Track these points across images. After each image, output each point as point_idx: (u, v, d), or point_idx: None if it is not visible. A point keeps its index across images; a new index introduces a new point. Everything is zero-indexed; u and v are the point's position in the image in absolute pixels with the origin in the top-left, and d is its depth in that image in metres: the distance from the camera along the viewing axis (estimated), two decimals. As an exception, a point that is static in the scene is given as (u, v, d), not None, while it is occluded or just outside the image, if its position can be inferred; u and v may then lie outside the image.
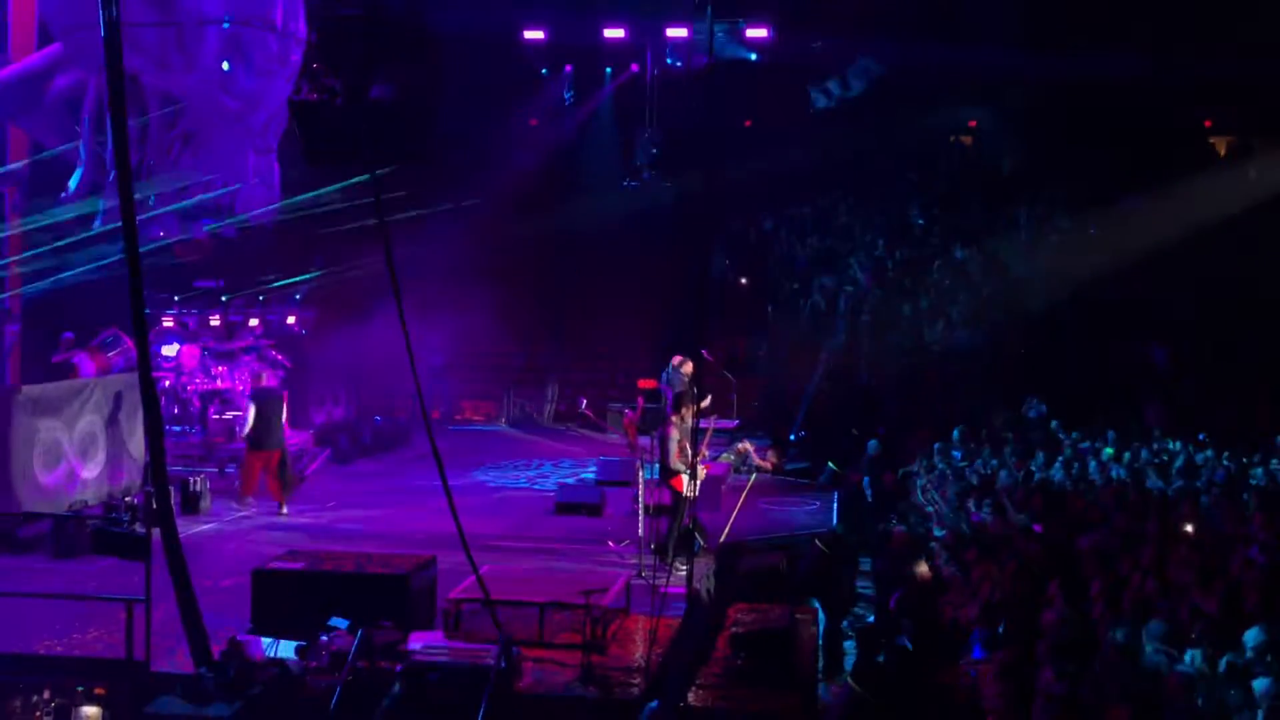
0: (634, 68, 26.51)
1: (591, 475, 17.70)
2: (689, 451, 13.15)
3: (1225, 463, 16.64)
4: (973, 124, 29.89)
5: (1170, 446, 17.92)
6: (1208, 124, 28.86)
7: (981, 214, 26.91)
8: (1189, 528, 12.54)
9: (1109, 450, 17.76)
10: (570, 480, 18.09)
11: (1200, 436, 18.17)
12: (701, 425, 13.52)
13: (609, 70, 26.69)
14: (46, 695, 9.61)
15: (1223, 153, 28.86)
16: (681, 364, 15.28)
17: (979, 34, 23.64)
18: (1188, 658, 8.55)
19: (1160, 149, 26.12)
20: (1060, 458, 17.36)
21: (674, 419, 13.38)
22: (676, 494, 13.29)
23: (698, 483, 13.04)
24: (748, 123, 27.53)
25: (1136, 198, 24.90)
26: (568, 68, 26.88)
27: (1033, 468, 16.86)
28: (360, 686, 9.44)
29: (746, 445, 20.05)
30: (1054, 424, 19.70)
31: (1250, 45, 23.19)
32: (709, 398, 14.72)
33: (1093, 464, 16.92)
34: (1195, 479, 15.69)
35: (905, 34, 23.97)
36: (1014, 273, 25.30)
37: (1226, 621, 9.17)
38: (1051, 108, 25.97)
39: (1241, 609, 9.52)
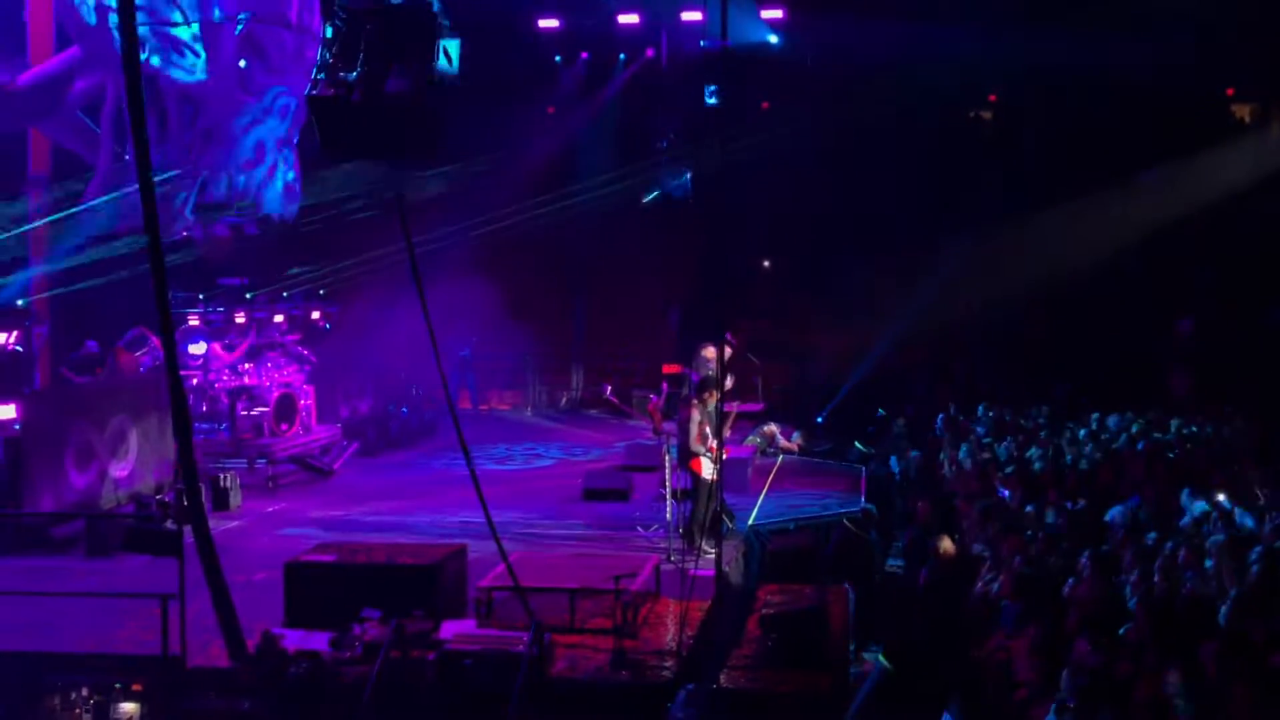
0: (649, 53, 26.45)
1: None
2: (709, 435, 13.17)
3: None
4: (992, 98, 29.68)
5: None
6: (1230, 92, 28.58)
7: (1003, 190, 26.75)
8: (1221, 497, 12.49)
9: (1139, 423, 17.69)
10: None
11: (1227, 409, 18.09)
12: (725, 409, 13.53)
13: (623, 57, 26.62)
14: (85, 692, 9.73)
15: (1246, 120, 28.60)
16: (704, 349, 15.29)
17: (990, 14, 23.43)
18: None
19: (1181, 118, 25.89)
20: (1086, 431, 17.31)
21: (696, 402, 13.40)
22: (696, 476, 13.32)
23: (719, 467, 13.04)
24: (765, 104, 27.42)
25: (1157, 169, 24.71)
26: (584, 55, 26.85)
27: (1061, 443, 16.81)
28: (393, 676, 9.51)
29: (773, 428, 20.05)
30: (1082, 399, 19.65)
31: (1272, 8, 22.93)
32: (731, 380, 14.71)
33: (1122, 436, 16.87)
34: (1223, 448, 15.63)
35: (919, 11, 23.78)
36: (1036, 249, 25.16)
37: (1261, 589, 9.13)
38: (1071, 81, 25.76)
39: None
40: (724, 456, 13.19)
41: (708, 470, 13.20)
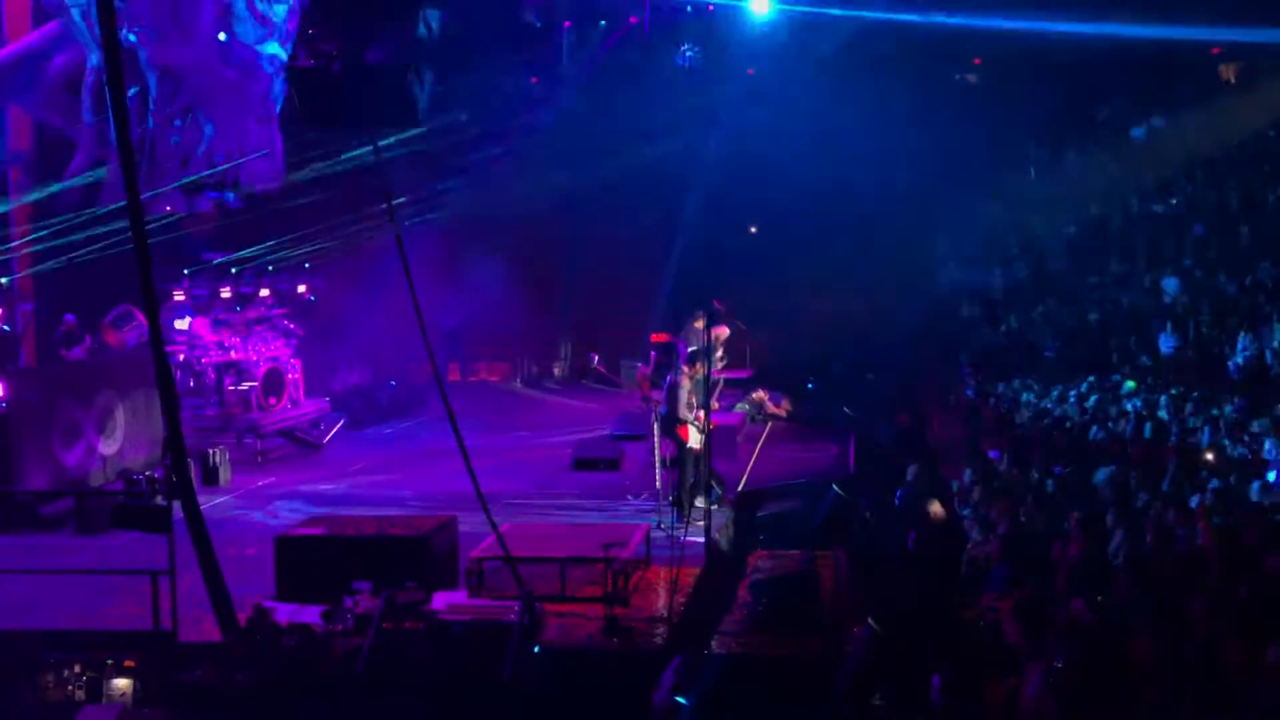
0: (632, 20, 26.26)
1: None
2: (695, 404, 13.18)
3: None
4: (977, 61, 29.59)
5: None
6: (1215, 51, 28.52)
7: (989, 151, 26.72)
8: (1210, 456, 12.54)
9: (1130, 384, 17.74)
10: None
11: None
12: (714, 375, 13.52)
13: (603, 24, 26.39)
14: (77, 669, 9.73)
15: (1231, 79, 28.56)
16: (695, 319, 15.24)
17: None
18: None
19: (1168, 78, 25.86)
20: (1075, 393, 17.35)
21: (686, 370, 13.40)
22: (681, 443, 13.33)
23: (706, 435, 13.05)
24: (749, 70, 27.28)
25: (1145, 127, 24.71)
26: (566, 24, 26.65)
27: (1048, 404, 16.85)
28: (386, 648, 9.53)
29: (761, 394, 20.05)
30: (1071, 361, 19.70)
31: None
32: (721, 350, 14.71)
33: (1109, 398, 16.91)
34: (1213, 408, 15.67)
35: None
36: (1024, 209, 25.20)
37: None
38: (1056, 43, 25.69)
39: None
40: (711, 426, 13.19)
41: (694, 439, 13.21)
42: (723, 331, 14.55)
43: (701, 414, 13.16)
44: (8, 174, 16.82)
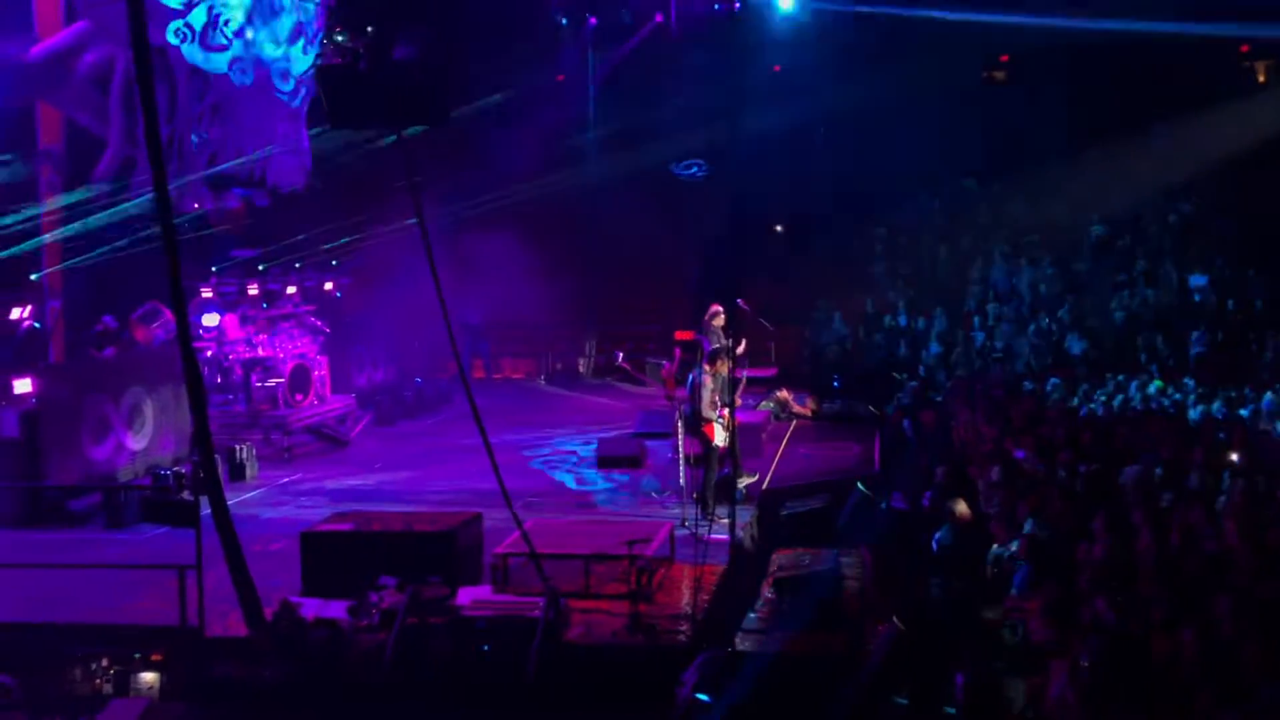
0: (658, 18, 26.27)
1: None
2: (720, 402, 13.19)
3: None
4: (1004, 58, 29.46)
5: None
6: (1244, 49, 28.32)
7: (1017, 151, 26.61)
8: (1234, 456, 12.45)
9: (1157, 382, 17.62)
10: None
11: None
12: (738, 374, 13.52)
13: (629, 20, 26.39)
14: (105, 663, 9.83)
15: (1262, 78, 28.35)
16: (713, 316, 15.24)
17: None
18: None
19: (1196, 75, 25.67)
20: (1103, 391, 17.26)
21: (709, 369, 13.40)
22: (708, 442, 13.34)
23: (731, 433, 13.05)
24: (776, 68, 27.24)
25: (1171, 126, 24.54)
26: (592, 20, 26.67)
27: (1075, 402, 16.77)
28: (411, 643, 9.57)
29: (785, 393, 20.03)
30: (1097, 360, 19.59)
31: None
32: (744, 343, 14.71)
33: (1136, 396, 16.82)
34: (1240, 408, 15.56)
35: None
36: (1051, 208, 25.09)
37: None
38: (1084, 39, 25.56)
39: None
40: (736, 423, 13.19)
41: (720, 436, 13.22)
42: (719, 319, 14.66)
43: (726, 412, 13.17)
44: (39, 171, 16.92)
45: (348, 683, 9.51)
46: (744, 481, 13.94)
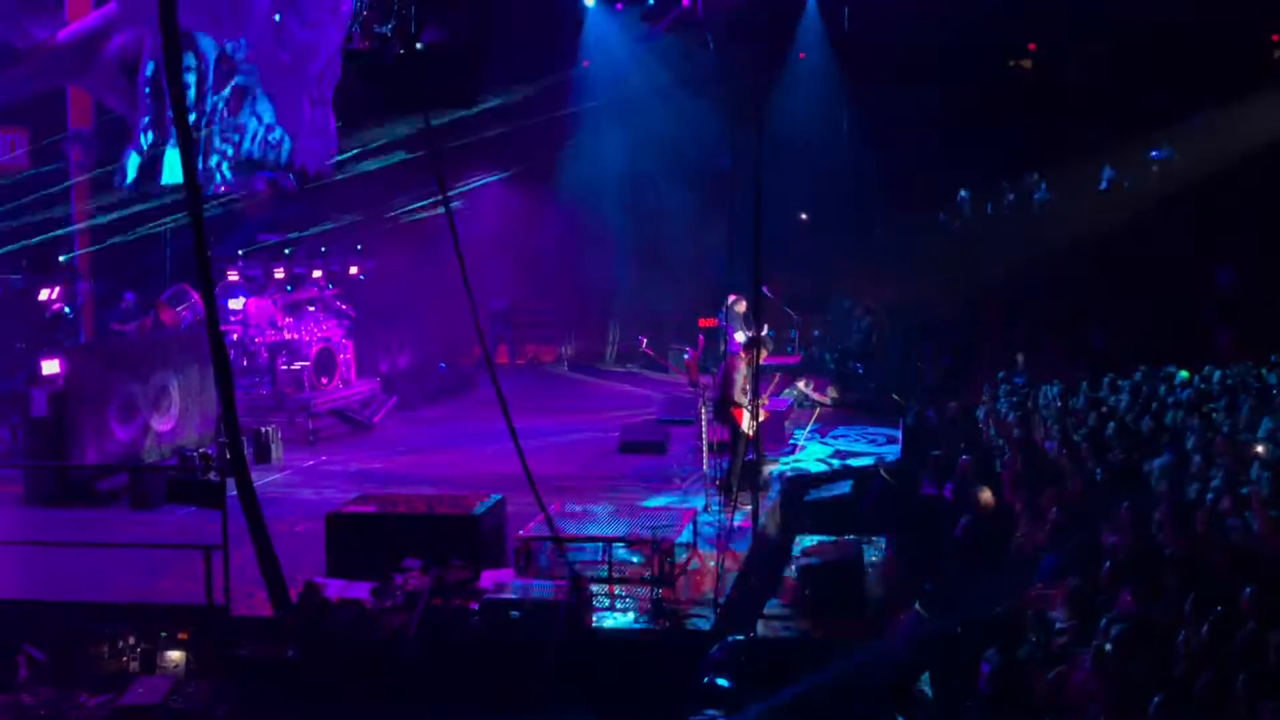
0: (684, 3, 26.16)
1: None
2: (749, 390, 13.18)
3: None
4: (1032, 46, 29.26)
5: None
6: (1275, 38, 28.04)
7: (1042, 141, 26.45)
8: (1260, 449, 12.38)
9: (1184, 374, 17.51)
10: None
11: (1273, 358, 17.85)
12: (765, 363, 13.52)
13: (651, 2, 26.26)
14: (132, 641, 9.92)
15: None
16: (735, 302, 15.20)
17: None
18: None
19: (1224, 65, 25.44)
20: (1128, 383, 17.16)
21: (743, 355, 13.41)
22: (736, 427, 13.33)
23: (758, 421, 13.05)
24: (802, 55, 27.14)
25: (1199, 117, 24.34)
26: (619, 5, 26.59)
27: (1101, 394, 16.69)
28: (434, 625, 9.62)
29: (804, 382, 20.02)
30: (1123, 351, 19.47)
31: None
32: (766, 326, 14.70)
33: (1161, 389, 16.72)
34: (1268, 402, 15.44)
35: None
36: (1074, 200, 24.95)
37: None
38: (1110, 27, 25.36)
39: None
40: (761, 410, 13.19)
41: (747, 422, 13.22)
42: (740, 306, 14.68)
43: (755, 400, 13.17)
44: (69, 153, 17.02)
45: (371, 663, 9.56)
46: (768, 468, 13.94)
